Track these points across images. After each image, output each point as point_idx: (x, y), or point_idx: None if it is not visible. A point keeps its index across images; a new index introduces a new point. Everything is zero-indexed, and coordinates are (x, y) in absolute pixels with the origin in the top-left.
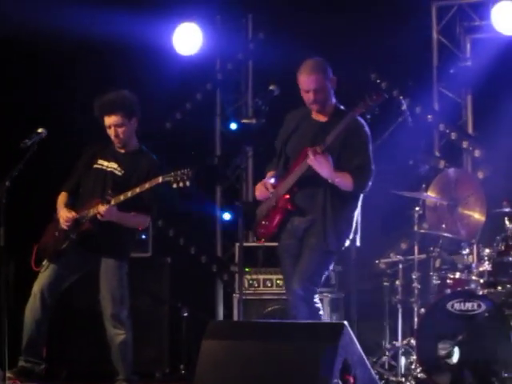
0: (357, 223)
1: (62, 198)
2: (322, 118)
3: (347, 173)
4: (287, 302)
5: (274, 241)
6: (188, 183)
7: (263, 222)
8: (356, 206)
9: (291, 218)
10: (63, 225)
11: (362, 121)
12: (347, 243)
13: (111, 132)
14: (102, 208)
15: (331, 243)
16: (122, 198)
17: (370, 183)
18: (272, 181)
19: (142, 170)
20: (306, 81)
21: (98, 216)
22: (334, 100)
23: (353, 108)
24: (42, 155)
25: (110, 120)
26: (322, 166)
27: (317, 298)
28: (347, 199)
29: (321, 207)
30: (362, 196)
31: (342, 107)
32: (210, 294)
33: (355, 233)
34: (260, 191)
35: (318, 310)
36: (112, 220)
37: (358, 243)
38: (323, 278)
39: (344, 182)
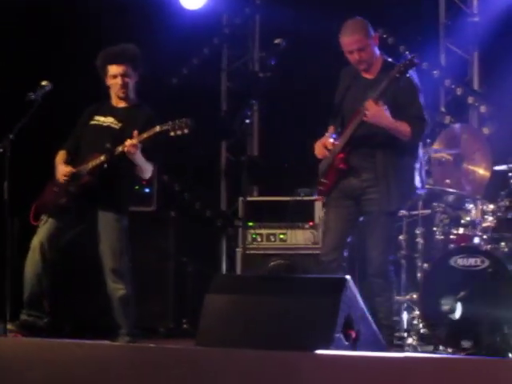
0: (422, 168)
1: (61, 155)
2: (370, 75)
3: (404, 121)
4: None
5: None
6: (186, 131)
7: (322, 180)
8: (417, 157)
9: (347, 177)
10: (61, 179)
11: (411, 72)
12: (414, 195)
13: (117, 81)
14: (128, 142)
15: (396, 203)
16: (145, 135)
17: (427, 130)
18: (331, 139)
19: (138, 122)
20: (348, 42)
21: (126, 150)
22: (379, 55)
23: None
24: (46, 109)
25: (117, 69)
26: (380, 117)
27: (391, 270)
28: (407, 154)
29: (381, 166)
30: (420, 145)
31: (389, 59)
32: (214, 248)
33: (421, 178)
34: (318, 150)
35: (392, 282)
36: (135, 156)
37: (423, 189)
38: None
39: (402, 129)
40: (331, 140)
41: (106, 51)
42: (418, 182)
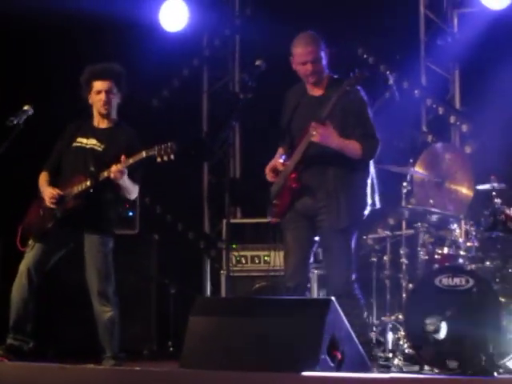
0: (374, 185)
1: (44, 177)
2: (318, 92)
3: (354, 140)
4: (287, 282)
5: None
6: (172, 157)
7: (275, 201)
8: (368, 173)
9: (301, 197)
10: (48, 202)
11: (359, 88)
12: (367, 211)
13: (101, 97)
14: (114, 168)
15: (349, 219)
16: (131, 161)
17: (379, 149)
18: (281, 160)
19: (121, 143)
20: (302, 53)
21: (112, 175)
22: (327, 71)
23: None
24: (28, 133)
25: (102, 85)
26: (328, 137)
27: (357, 288)
28: (358, 171)
29: (331, 184)
30: (371, 162)
31: (335, 76)
32: (197, 270)
33: (373, 194)
34: (269, 176)
35: (359, 299)
36: (121, 181)
37: (378, 205)
38: (353, 257)
39: (352, 148)
40: (281, 161)
41: (92, 67)
42: (369, 198)
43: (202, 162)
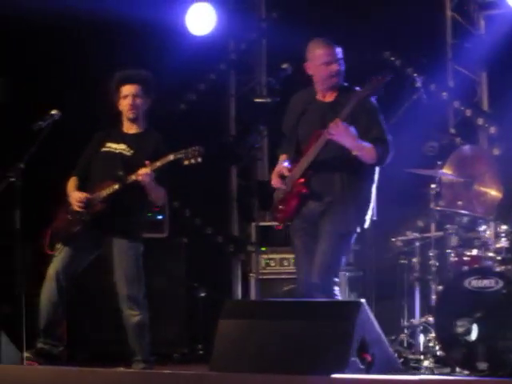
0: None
1: (72, 182)
2: (328, 98)
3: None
4: (299, 288)
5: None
6: (200, 159)
7: (280, 207)
8: (374, 181)
9: (307, 202)
10: (75, 206)
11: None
12: (368, 221)
13: (128, 101)
14: (142, 170)
15: (352, 223)
16: (158, 164)
17: (392, 154)
18: (286, 164)
19: (149, 148)
20: (327, 52)
21: (139, 178)
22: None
23: (361, 86)
24: (55, 137)
25: (130, 89)
26: (346, 136)
27: (336, 290)
28: (365, 176)
29: (339, 189)
30: (378, 170)
31: (345, 84)
32: (226, 274)
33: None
34: (275, 181)
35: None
36: (148, 185)
37: (374, 217)
38: (343, 262)
39: (368, 152)
40: (286, 166)
41: (120, 72)
42: (371, 207)
43: (229, 165)
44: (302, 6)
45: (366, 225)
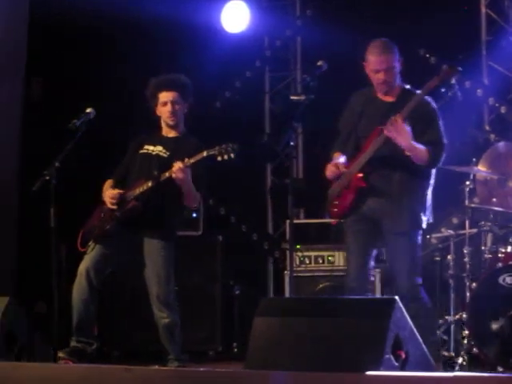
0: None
1: (108, 183)
2: (389, 99)
3: (423, 146)
4: (349, 282)
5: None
6: (233, 155)
7: (336, 202)
8: (430, 184)
9: (365, 199)
10: (108, 203)
11: (429, 98)
12: (425, 222)
13: (167, 108)
14: (175, 165)
15: (410, 225)
16: (192, 160)
17: (443, 157)
18: (342, 160)
19: (185, 151)
20: (376, 61)
21: (173, 175)
22: (398, 81)
23: (424, 84)
24: (91, 136)
25: (168, 95)
26: (401, 135)
27: (422, 292)
28: (422, 178)
29: (397, 187)
30: (434, 174)
31: (407, 86)
32: (261, 271)
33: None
34: (331, 171)
35: (425, 303)
36: (183, 181)
37: (431, 219)
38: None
39: (420, 153)
40: (341, 160)
41: (157, 79)
42: (428, 208)
43: (264, 163)
44: (337, 3)
45: (424, 225)
